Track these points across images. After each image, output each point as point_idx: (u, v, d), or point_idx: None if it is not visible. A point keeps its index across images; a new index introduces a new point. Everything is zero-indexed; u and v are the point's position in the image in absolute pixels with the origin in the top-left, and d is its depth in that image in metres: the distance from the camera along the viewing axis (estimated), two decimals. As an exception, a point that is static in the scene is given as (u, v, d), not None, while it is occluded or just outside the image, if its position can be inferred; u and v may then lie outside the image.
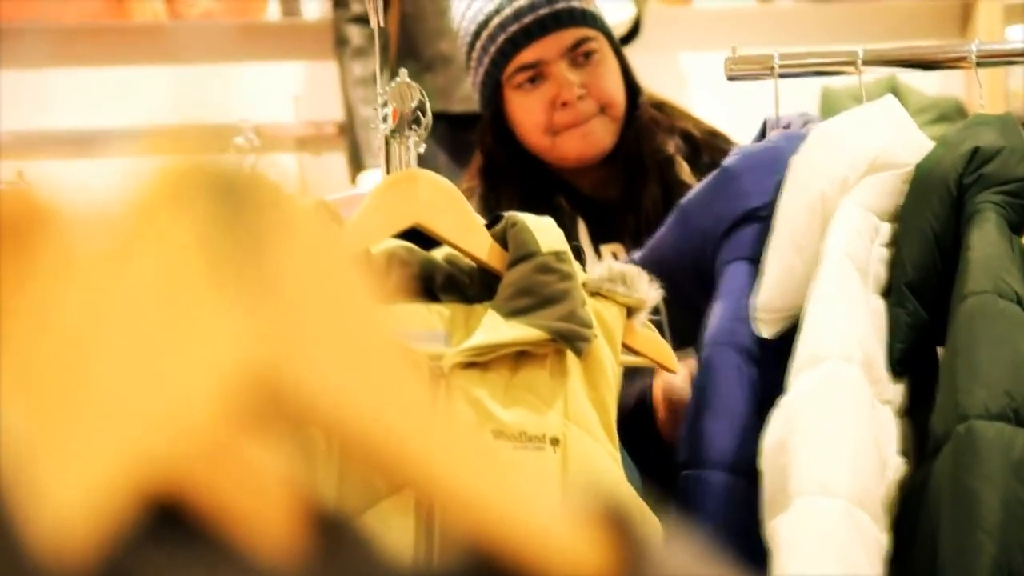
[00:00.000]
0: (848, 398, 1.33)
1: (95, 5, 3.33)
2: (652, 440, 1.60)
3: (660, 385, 1.62)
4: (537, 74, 2.00)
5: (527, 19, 1.99)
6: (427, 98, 3.37)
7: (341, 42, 3.27)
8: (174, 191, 0.32)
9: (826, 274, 1.38)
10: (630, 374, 1.49)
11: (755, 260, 1.47)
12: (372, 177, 3.18)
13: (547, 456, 1.28)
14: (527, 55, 1.99)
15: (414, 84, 1.36)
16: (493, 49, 2.00)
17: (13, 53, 3.34)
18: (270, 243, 0.33)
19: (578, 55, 2.00)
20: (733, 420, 1.42)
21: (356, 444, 0.39)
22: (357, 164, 3.24)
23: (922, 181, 1.43)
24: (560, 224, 2.09)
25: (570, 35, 1.99)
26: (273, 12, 3.40)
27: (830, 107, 3.52)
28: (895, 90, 3.00)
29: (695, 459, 1.44)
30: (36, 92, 3.36)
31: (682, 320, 1.53)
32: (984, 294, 1.31)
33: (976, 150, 1.40)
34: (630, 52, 2.09)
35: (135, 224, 0.32)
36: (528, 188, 2.05)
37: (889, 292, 1.43)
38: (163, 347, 0.32)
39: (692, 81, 3.61)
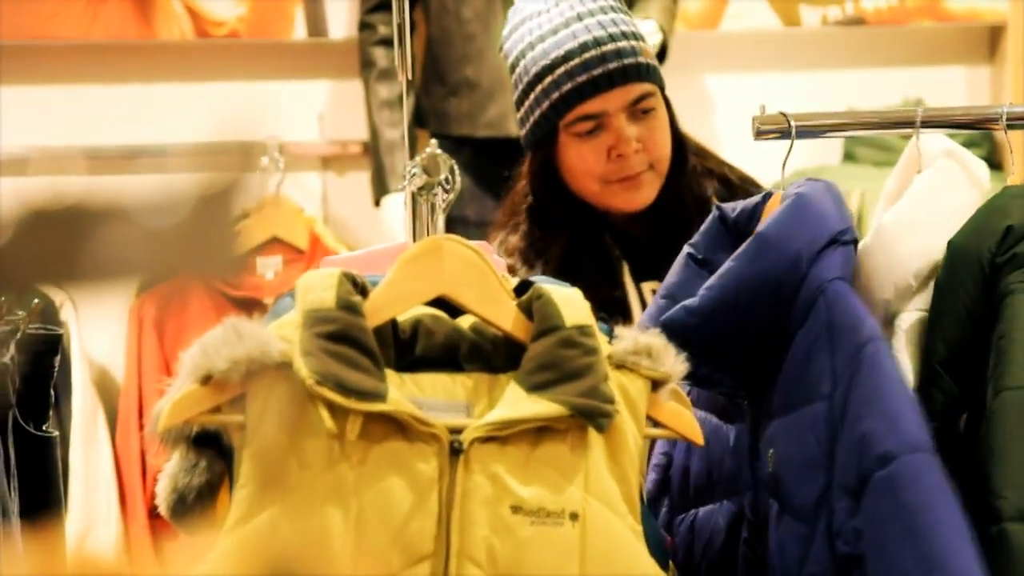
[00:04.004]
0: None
1: (122, 23, 3.33)
2: None
3: None
4: (597, 125, 2.02)
5: (597, 71, 2.00)
6: (455, 123, 3.37)
7: (367, 64, 3.28)
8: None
9: None
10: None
11: (847, 281, 1.47)
12: (396, 201, 3.18)
13: (566, 531, 1.29)
14: (591, 106, 2.01)
15: (443, 155, 1.36)
16: (556, 95, 2.01)
17: (40, 69, 3.35)
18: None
19: (638, 110, 2.02)
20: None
21: None
22: (381, 187, 3.24)
23: (955, 259, 1.42)
24: (607, 262, 2.13)
25: (634, 90, 2.02)
26: (299, 32, 3.41)
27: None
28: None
29: None
30: (63, 108, 3.37)
31: (763, 349, 1.50)
32: (1019, 390, 1.30)
33: (1009, 228, 1.40)
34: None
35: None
36: (575, 227, 2.07)
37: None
38: None
39: (718, 103, 3.60)
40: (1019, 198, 1.44)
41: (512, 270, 2.03)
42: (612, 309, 1.79)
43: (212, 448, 1.37)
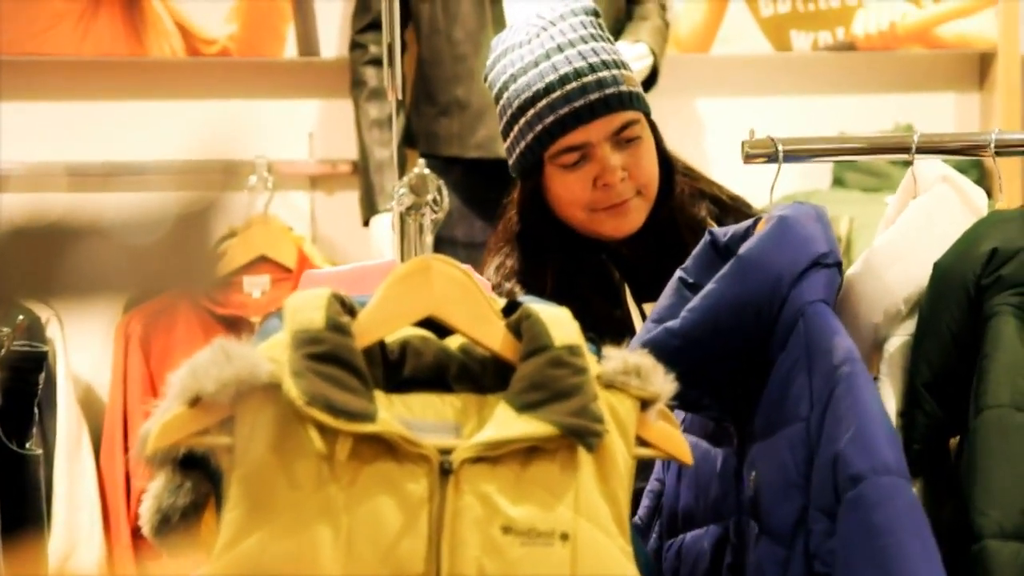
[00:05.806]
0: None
1: (113, 40, 3.33)
2: None
3: None
4: (582, 155, 2.01)
5: (578, 103, 1.98)
6: (445, 144, 3.37)
7: (357, 84, 3.27)
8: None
9: None
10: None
11: (829, 304, 1.47)
12: (385, 221, 3.18)
13: (556, 552, 1.28)
14: (574, 137, 2.00)
15: (431, 175, 1.35)
16: (540, 127, 2.00)
17: (30, 85, 3.34)
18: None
19: (622, 139, 2.01)
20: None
21: None
22: (370, 206, 3.24)
23: (941, 281, 1.42)
24: (608, 283, 2.12)
25: (618, 119, 2.00)
26: (290, 51, 3.40)
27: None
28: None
29: None
30: (53, 124, 3.36)
31: (748, 372, 1.50)
32: (1000, 408, 1.30)
33: (994, 251, 1.40)
34: (648, 98, 2.08)
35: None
36: (569, 253, 2.06)
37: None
38: None
39: (709, 126, 3.60)
40: (1006, 222, 1.44)
41: (511, 294, 2.02)
42: (614, 330, 1.78)
43: (199, 469, 1.36)
